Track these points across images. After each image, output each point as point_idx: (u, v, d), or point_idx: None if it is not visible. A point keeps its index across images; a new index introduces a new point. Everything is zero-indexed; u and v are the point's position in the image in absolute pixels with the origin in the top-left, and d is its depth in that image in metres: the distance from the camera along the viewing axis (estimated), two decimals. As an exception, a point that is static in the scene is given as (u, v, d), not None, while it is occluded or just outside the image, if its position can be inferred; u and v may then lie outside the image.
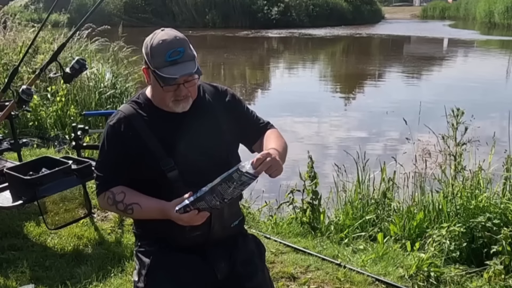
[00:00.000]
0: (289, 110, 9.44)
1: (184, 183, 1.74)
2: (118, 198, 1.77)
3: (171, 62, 1.69)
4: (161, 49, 1.70)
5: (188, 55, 1.72)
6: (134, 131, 1.77)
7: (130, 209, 1.76)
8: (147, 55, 1.73)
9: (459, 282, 3.09)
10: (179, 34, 1.75)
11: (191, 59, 1.72)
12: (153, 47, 1.71)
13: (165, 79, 1.69)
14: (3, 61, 6.97)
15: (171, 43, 1.70)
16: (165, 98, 1.76)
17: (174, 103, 1.76)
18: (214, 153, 1.82)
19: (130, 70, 7.80)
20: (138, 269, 1.84)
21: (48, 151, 5.33)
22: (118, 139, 1.79)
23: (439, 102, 5.94)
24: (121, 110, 1.83)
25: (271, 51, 21.51)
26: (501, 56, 18.45)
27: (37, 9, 17.25)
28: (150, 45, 1.72)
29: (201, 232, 1.80)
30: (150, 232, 1.86)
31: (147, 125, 1.78)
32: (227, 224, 1.87)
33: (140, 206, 1.75)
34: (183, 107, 1.78)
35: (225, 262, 1.85)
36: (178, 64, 1.69)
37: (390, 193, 4.08)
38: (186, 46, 1.72)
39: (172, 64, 1.69)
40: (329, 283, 3.07)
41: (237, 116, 1.92)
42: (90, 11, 3.37)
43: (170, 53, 1.68)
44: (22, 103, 3.46)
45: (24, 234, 3.50)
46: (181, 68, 1.69)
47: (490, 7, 31.05)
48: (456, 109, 3.78)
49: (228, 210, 1.84)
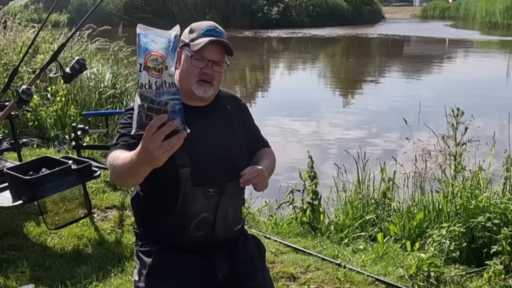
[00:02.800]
0: (289, 110, 9.44)
1: (192, 182, 1.73)
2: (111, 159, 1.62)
3: (208, 34, 1.75)
4: (201, 25, 1.78)
5: (224, 36, 1.80)
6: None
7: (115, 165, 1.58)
8: (185, 34, 1.79)
9: (459, 282, 3.09)
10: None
11: (226, 39, 1.79)
12: (193, 26, 1.80)
13: (197, 45, 1.73)
14: (3, 61, 6.97)
15: (212, 24, 1.80)
16: (191, 75, 1.77)
17: (198, 84, 1.77)
18: (226, 154, 1.82)
19: (130, 70, 7.80)
20: (139, 268, 1.84)
21: (48, 151, 5.32)
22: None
23: (439, 102, 5.94)
24: None
25: (271, 51, 21.51)
26: (501, 56, 18.44)
27: (37, 9, 17.24)
28: (191, 26, 1.81)
29: (204, 232, 1.80)
30: (151, 232, 1.86)
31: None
32: (230, 227, 1.87)
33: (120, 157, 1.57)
34: (204, 90, 1.78)
35: (226, 262, 1.85)
36: (214, 37, 1.75)
37: (390, 193, 4.08)
38: (223, 32, 1.81)
39: (209, 35, 1.75)
40: (329, 283, 3.07)
41: (247, 129, 1.96)
42: (90, 11, 3.37)
43: (209, 29, 1.77)
44: (22, 103, 3.46)
45: (24, 234, 3.50)
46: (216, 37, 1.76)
47: (490, 7, 31.06)
48: (456, 109, 3.78)
49: (232, 212, 1.84)
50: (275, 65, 17.28)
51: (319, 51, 21.04)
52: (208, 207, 1.78)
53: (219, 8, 29.77)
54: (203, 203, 1.77)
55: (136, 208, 1.91)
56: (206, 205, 1.78)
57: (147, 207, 1.86)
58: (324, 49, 21.76)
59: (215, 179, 1.77)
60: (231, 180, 1.80)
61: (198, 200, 1.76)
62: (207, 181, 1.76)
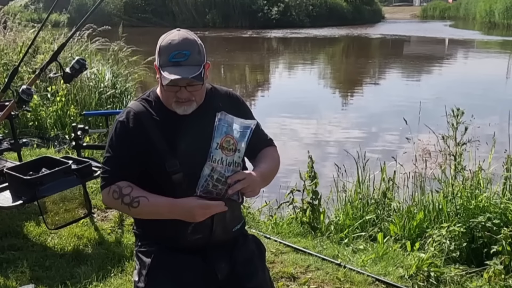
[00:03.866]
0: (289, 110, 9.44)
1: (188, 186, 1.72)
2: (125, 191, 1.74)
3: (174, 63, 1.70)
4: (168, 48, 1.72)
5: (193, 59, 1.71)
6: (143, 128, 1.77)
7: (136, 202, 1.72)
8: (156, 52, 1.75)
9: (459, 282, 3.09)
10: (191, 37, 1.75)
11: (195, 64, 1.71)
12: (162, 45, 1.74)
13: (164, 78, 1.69)
14: (3, 61, 6.97)
15: (178, 44, 1.71)
16: (168, 97, 1.77)
17: (176, 104, 1.76)
18: None
19: (130, 70, 7.80)
20: (139, 269, 1.84)
21: (48, 151, 5.33)
22: (127, 135, 1.78)
23: (439, 102, 5.94)
24: (131, 107, 1.83)
25: (271, 51, 21.50)
26: (501, 56, 18.44)
27: (37, 9, 17.23)
28: (161, 43, 1.75)
29: (202, 235, 1.80)
30: (151, 233, 1.86)
31: (155, 124, 1.78)
32: (228, 228, 1.87)
33: (148, 199, 1.72)
34: (184, 109, 1.77)
35: (226, 262, 1.85)
36: (180, 66, 1.69)
37: (390, 193, 4.08)
38: (193, 50, 1.73)
39: (174, 65, 1.69)
40: (329, 283, 3.07)
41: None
42: (90, 11, 3.37)
43: (175, 54, 1.70)
44: (22, 103, 3.46)
45: (24, 234, 3.50)
46: (181, 71, 1.68)
47: (490, 7, 31.06)
48: (456, 109, 3.78)
49: (230, 213, 1.83)
50: (275, 65, 17.28)
51: (319, 51, 21.04)
52: None
53: (219, 8, 29.76)
54: None
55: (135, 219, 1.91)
56: None
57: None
58: (324, 49, 21.75)
59: None
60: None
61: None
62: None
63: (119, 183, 1.76)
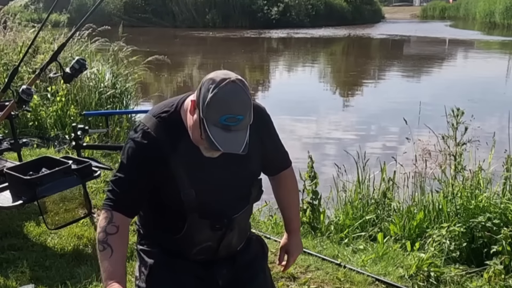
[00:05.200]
0: (289, 110, 9.44)
1: (200, 216, 1.70)
2: (109, 229, 1.64)
3: (224, 126, 1.49)
4: (222, 107, 1.49)
5: (244, 124, 1.52)
6: (161, 154, 1.64)
7: (102, 246, 1.63)
8: (203, 99, 1.51)
9: (459, 282, 3.09)
10: (248, 97, 1.53)
11: (244, 129, 1.53)
12: (214, 97, 1.49)
13: (208, 139, 1.51)
14: (3, 61, 6.96)
15: (235, 107, 1.50)
16: (199, 142, 1.61)
17: (205, 150, 1.63)
18: (237, 185, 1.74)
19: (130, 70, 7.80)
20: (139, 266, 1.83)
21: (48, 151, 5.32)
22: (143, 160, 1.66)
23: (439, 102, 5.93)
24: (148, 126, 1.66)
25: (271, 51, 21.50)
26: (501, 57, 18.44)
27: (37, 9, 17.19)
28: (213, 93, 1.49)
29: (205, 256, 1.80)
30: (154, 238, 1.85)
31: (174, 150, 1.65)
32: (233, 250, 1.85)
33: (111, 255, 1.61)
34: (212, 154, 1.65)
35: (228, 268, 1.84)
36: (230, 132, 1.50)
37: (390, 193, 4.08)
38: (247, 113, 1.52)
39: (224, 129, 1.49)
40: (329, 283, 3.07)
41: (267, 144, 1.81)
42: (90, 11, 3.37)
43: (228, 118, 1.49)
44: (22, 103, 3.46)
45: (24, 234, 3.50)
46: (230, 140, 1.50)
47: (490, 7, 31.06)
48: (456, 109, 3.78)
49: (237, 239, 1.82)
50: (275, 65, 17.27)
51: (319, 51, 21.04)
52: (213, 238, 1.76)
53: (219, 8, 29.76)
54: (208, 235, 1.74)
55: (141, 215, 1.87)
56: (211, 236, 1.75)
57: (150, 220, 1.84)
58: (324, 49, 21.75)
59: (223, 213, 1.72)
60: (241, 210, 1.77)
61: (204, 232, 1.74)
62: (215, 215, 1.71)
63: (115, 213, 1.66)
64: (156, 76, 11.15)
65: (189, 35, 24.67)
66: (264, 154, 1.81)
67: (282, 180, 1.98)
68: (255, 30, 26.87)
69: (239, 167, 1.72)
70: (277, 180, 1.98)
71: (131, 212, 1.72)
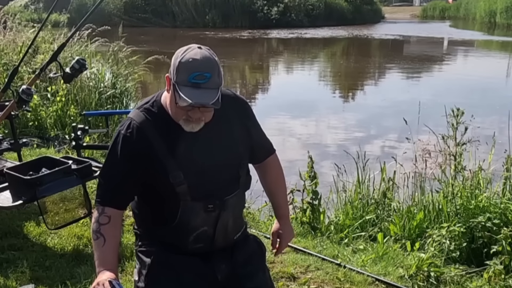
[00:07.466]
0: (289, 110, 9.44)
1: (191, 198, 1.72)
2: (101, 219, 1.71)
3: (193, 84, 1.59)
4: (188, 67, 1.60)
5: (213, 83, 1.61)
6: (147, 142, 1.71)
7: (96, 236, 1.71)
8: (173, 66, 1.63)
9: (459, 282, 3.09)
10: (213, 58, 1.64)
11: (214, 87, 1.62)
12: (181, 62, 1.61)
13: (181, 100, 1.60)
14: (3, 61, 6.96)
15: (201, 65, 1.60)
16: (178, 114, 1.69)
17: (185, 121, 1.68)
18: (226, 166, 1.78)
19: (130, 70, 7.80)
20: (139, 268, 1.84)
21: (48, 151, 5.33)
22: (130, 150, 1.72)
23: (439, 102, 5.93)
24: (133, 118, 1.75)
25: (270, 51, 21.51)
26: (501, 57, 18.44)
27: (37, 9, 17.25)
28: (180, 58, 1.62)
29: (203, 244, 1.80)
30: (151, 234, 1.86)
31: (159, 135, 1.72)
32: (230, 237, 1.86)
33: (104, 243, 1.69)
34: (192, 127, 1.69)
35: (226, 263, 1.85)
36: (199, 89, 1.59)
37: (390, 193, 4.08)
38: (215, 72, 1.62)
39: (194, 86, 1.59)
40: (329, 283, 3.07)
41: (250, 132, 1.87)
42: (90, 11, 3.37)
43: (196, 75, 1.59)
44: (22, 103, 3.46)
45: (24, 234, 3.50)
46: (200, 95, 1.59)
47: (490, 7, 31.06)
48: (456, 109, 3.78)
49: (232, 223, 1.83)
50: (275, 65, 17.28)
51: (318, 51, 21.04)
52: (208, 221, 1.77)
53: (219, 8, 29.76)
54: (203, 218, 1.76)
55: (136, 213, 1.91)
56: (206, 220, 1.77)
57: (146, 215, 1.86)
58: (324, 49, 21.76)
59: (215, 194, 1.74)
60: (232, 192, 1.79)
61: (198, 215, 1.75)
62: (207, 196, 1.73)
63: (106, 208, 1.73)
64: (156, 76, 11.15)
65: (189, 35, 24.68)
66: (252, 144, 1.88)
67: (268, 167, 2.02)
68: (255, 30, 26.88)
69: (226, 148, 1.78)
70: (263, 168, 2.02)
71: (121, 204, 1.78)
